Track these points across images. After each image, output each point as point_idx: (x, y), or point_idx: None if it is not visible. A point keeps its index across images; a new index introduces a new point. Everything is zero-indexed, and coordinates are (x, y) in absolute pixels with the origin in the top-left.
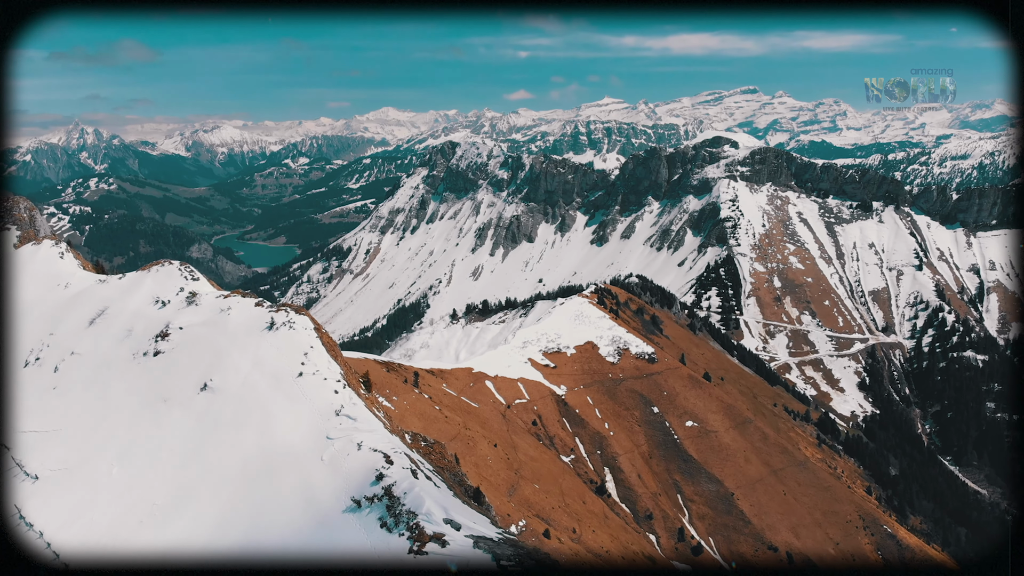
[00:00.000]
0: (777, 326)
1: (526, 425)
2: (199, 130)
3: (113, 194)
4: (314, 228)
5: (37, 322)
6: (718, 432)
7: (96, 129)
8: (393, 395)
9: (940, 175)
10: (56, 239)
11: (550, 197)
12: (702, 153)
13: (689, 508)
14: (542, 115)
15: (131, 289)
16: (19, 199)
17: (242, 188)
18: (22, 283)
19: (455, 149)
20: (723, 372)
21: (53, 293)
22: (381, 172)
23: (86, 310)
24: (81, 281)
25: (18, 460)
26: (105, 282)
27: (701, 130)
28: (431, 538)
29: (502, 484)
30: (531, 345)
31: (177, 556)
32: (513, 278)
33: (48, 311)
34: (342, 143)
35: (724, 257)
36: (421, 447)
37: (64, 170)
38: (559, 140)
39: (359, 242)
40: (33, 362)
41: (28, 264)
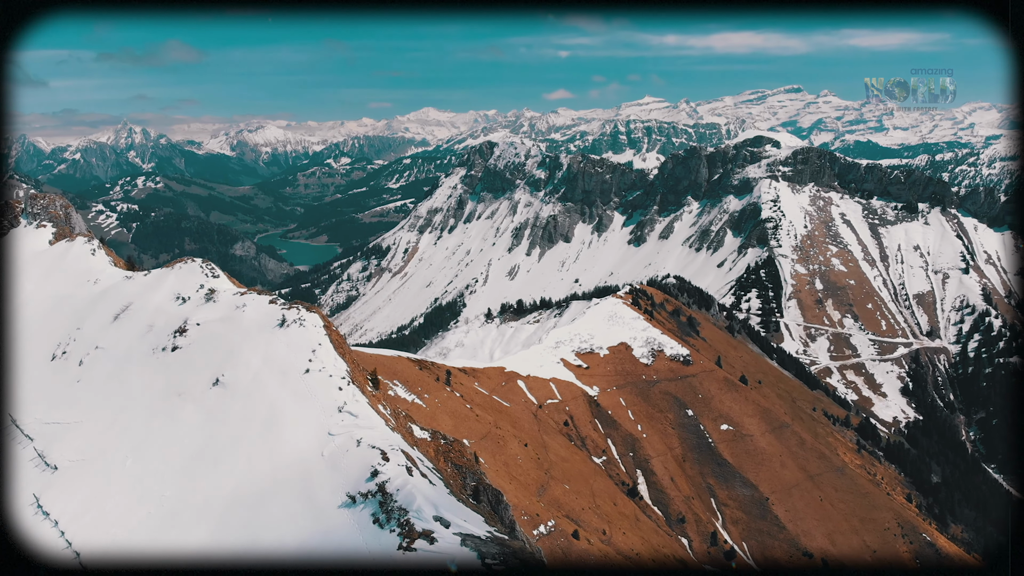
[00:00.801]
0: (818, 329)
1: (557, 425)
2: (243, 130)
3: (160, 192)
4: (355, 227)
5: (66, 317)
6: (754, 436)
7: (144, 129)
8: (425, 393)
9: (989, 176)
10: (90, 236)
11: (587, 197)
12: (743, 153)
13: (723, 512)
14: (581, 114)
15: (154, 286)
16: (55, 197)
17: (285, 187)
18: (54, 279)
19: (493, 149)
20: (761, 375)
21: (83, 289)
22: (421, 172)
23: (111, 306)
24: (110, 277)
25: (40, 451)
26: (131, 279)
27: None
28: (420, 535)
29: (532, 484)
30: (564, 345)
31: (176, 556)
32: (549, 278)
33: (77, 306)
34: (383, 143)
35: (765, 258)
36: (440, 445)
37: (112, 168)
38: (598, 139)
39: (398, 241)
40: (60, 356)
41: (61, 260)
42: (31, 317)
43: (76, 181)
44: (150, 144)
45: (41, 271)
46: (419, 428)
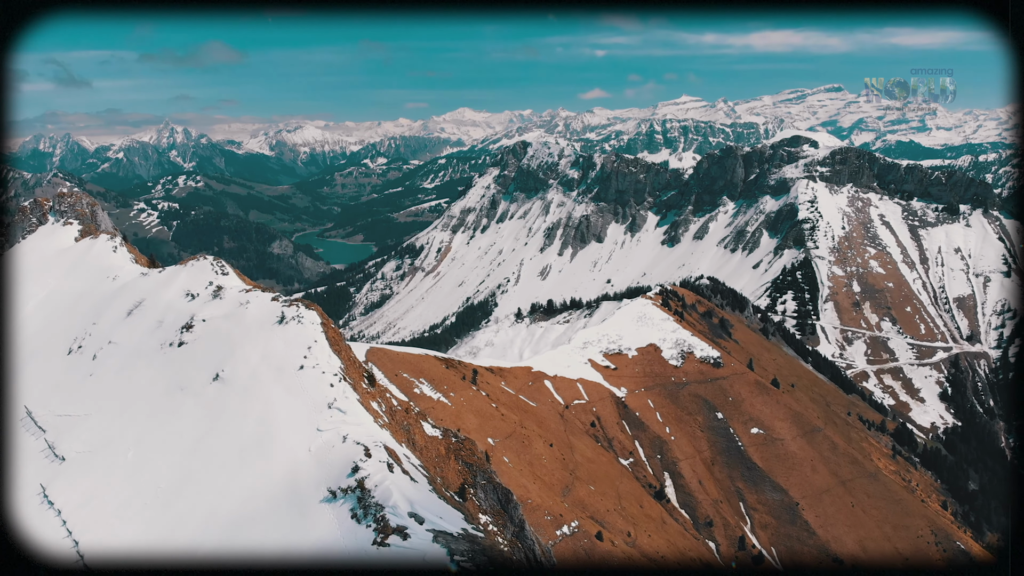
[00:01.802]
0: (855, 332)
1: (584, 426)
2: (282, 130)
3: (200, 191)
4: (390, 226)
5: (84, 312)
6: (784, 440)
7: (185, 128)
8: (451, 391)
9: None
10: (112, 234)
11: (621, 197)
12: (780, 152)
13: (751, 516)
14: (617, 114)
15: (167, 282)
16: (81, 195)
17: (322, 187)
18: (76, 275)
19: (526, 149)
20: (795, 379)
21: (102, 285)
22: (456, 172)
23: (126, 302)
24: (128, 274)
25: (51, 442)
26: (147, 275)
27: (781, 129)
28: (394, 531)
29: (556, 484)
30: (591, 346)
31: (174, 556)
32: (581, 278)
33: (95, 302)
34: (419, 143)
35: (801, 260)
36: (452, 443)
37: (154, 167)
38: (633, 139)
39: (431, 241)
40: (76, 350)
41: (84, 257)
42: (53, 312)
43: (119, 180)
44: (191, 144)
45: (65, 267)
46: (431, 426)
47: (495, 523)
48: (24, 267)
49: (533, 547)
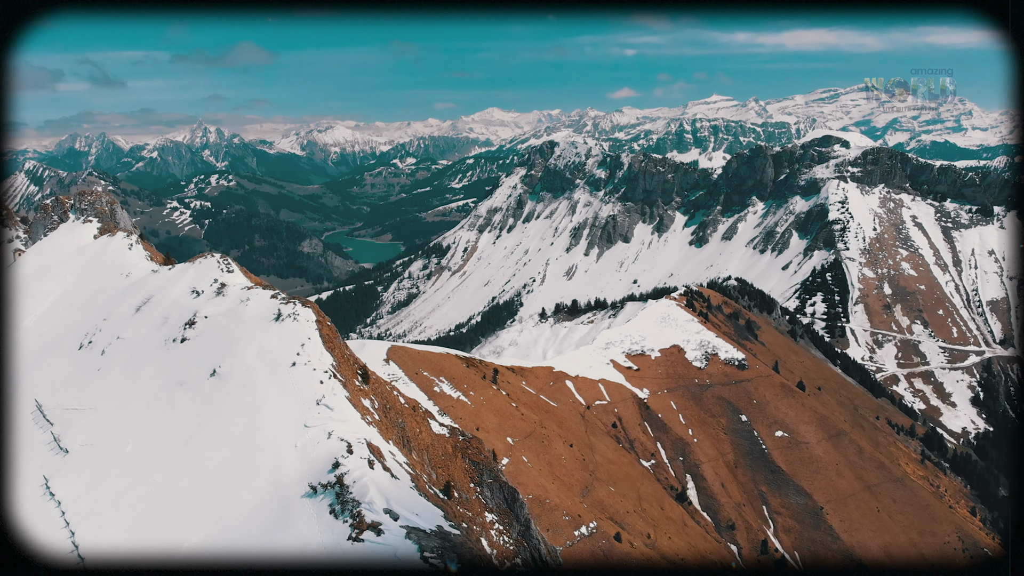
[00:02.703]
0: (886, 335)
1: (605, 427)
2: (313, 130)
3: (232, 190)
4: (418, 226)
5: (97, 308)
6: (809, 443)
7: (218, 128)
8: (471, 390)
9: None
10: (129, 232)
11: (648, 197)
12: (810, 152)
13: (775, 520)
14: (646, 113)
15: (175, 279)
16: (101, 193)
17: (352, 187)
18: (92, 271)
19: (553, 149)
20: (822, 382)
21: (116, 282)
22: (483, 172)
23: (135, 298)
24: (140, 271)
25: (56, 435)
26: (157, 272)
27: (814, 129)
28: (369, 526)
29: (575, 484)
30: (614, 347)
31: (173, 556)
32: (607, 278)
33: (107, 298)
34: (447, 143)
35: (831, 261)
36: (459, 441)
37: (188, 167)
38: (663, 138)
39: (457, 240)
40: (87, 345)
41: (100, 254)
42: (68, 308)
43: (153, 179)
44: (223, 143)
45: (82, 264)
46: (438, 424)
47: (501, 522)
48: (44, 264)
49: (539, 546)
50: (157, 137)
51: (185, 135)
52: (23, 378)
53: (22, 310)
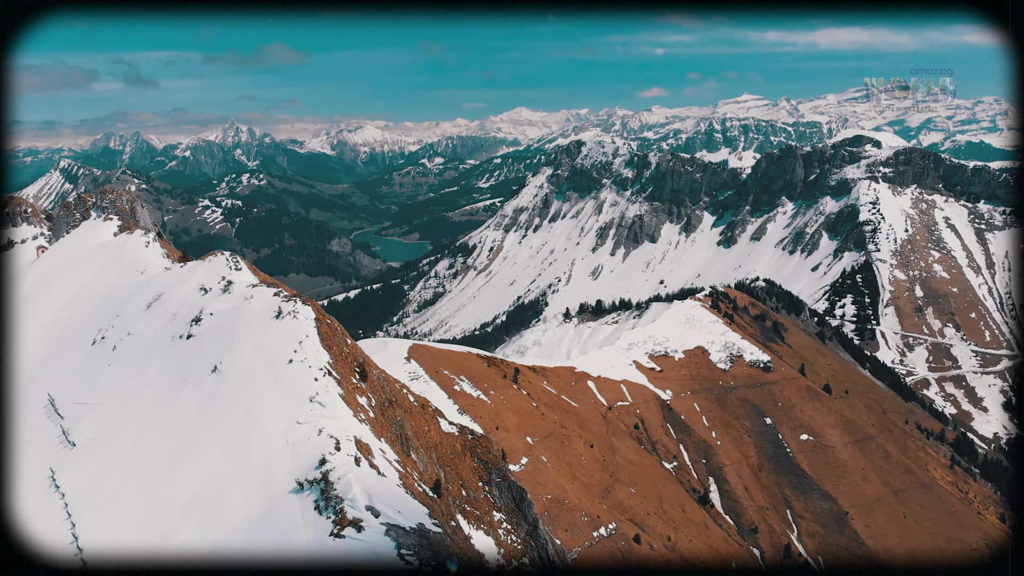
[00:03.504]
0: (917, 338)
1: (627, 428)
2: (343, 130)
3: (263, 189)
4: (445, 225)
5: (111, 304)
6: (835, 447)
7: (249, 128)
8: (491, 389)
9: None
10: (147, 230)
11: (676, 196)
12: (841, 152)
13: (798, 525)
14: (676, 112)
15: (185, 277)
16: (122, 192)
17: (381, 186)
18: (110, 268)
19: (580, 148)
20: (850, 385)
21: (131, 279)
22: (511, 171)
23: (147, 295)
24: (155, 269)
25: (66, 429)
26: (169, 270)
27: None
28: (350, 523)
29: (595, 485)
30: (636, 347)
31: (172, 556)
32: (633, 279)
33: (122, 295)
34: (475, 143)
35: (862, 263)
36: (468, 440)
37: (220, 166)
38: (692, 138)
39: (483, 240)
40: (99, 340)
41: (118, 251)
42: (85, 304)
43: (186, 177)
44: (255, 143)
45: (101, 261)
46: (447, 423)
47: (509, 521)
48: (64, 260)
49: (546, 546)
50: (190, 136)
51: (217, 134)
52: (39, 372)
53: (42, 305)
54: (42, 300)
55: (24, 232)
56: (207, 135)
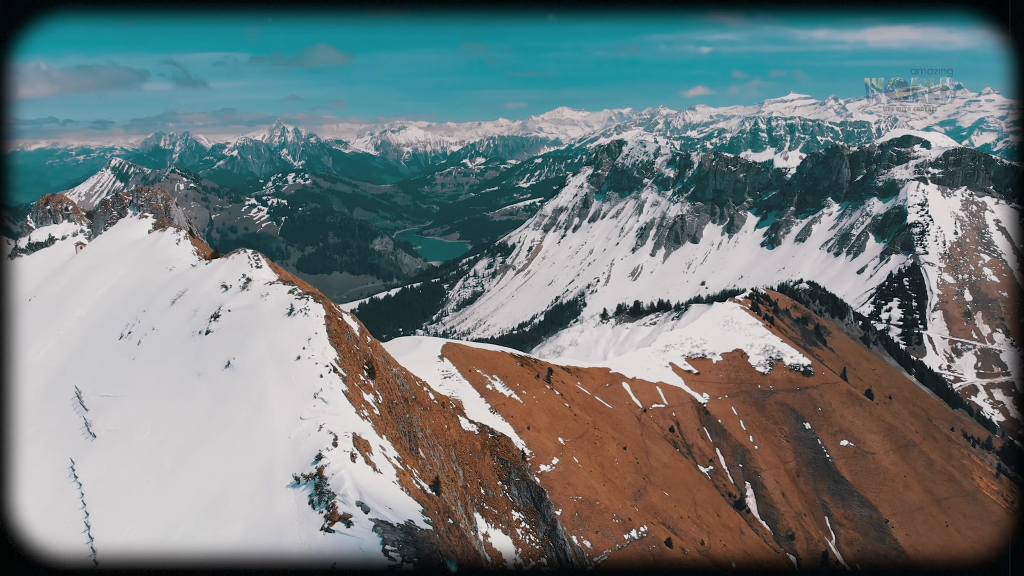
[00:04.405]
0: (965, 344)
1: (662, 431)
2: (387, 130)
3: (308, 188)
4: (485, 225)
5: (140, 300)
6: (876, 454)
7: (296, 128)
8: (523, 389)
9: None
10: (179, 227)
11: (718, 196)
12: (889, 153)
13: (837, 532)
14: (720, 111)
15: (208, 274)
16: (157, 190)
17: (423, 186)
18: (141, 265)
19: (621, 148)
20: (894, 390)
21: (160, 275)
22: (551, 171)
23: (172, 291)
24: (183, 266)
25: (88, 421)
26: (195, 267)
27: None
28: (340, 518)
29: (628, 487)
30: (673, 349)
31: (172, 555)
32: (673, 279)
33: (150, 291)
34: (517, 143)
35: (909, 266)
36: (487, 439)
37: (266, 165)
38: (736, 137)
39: (522, 239)
40: (126, 335)
41: (150, 248)
42: (116, 299)
43: (233, 176)
44: (301, 143)
45: (134, 258)
46: (467, 421)
47: (528, 520)
48: (100, 256)
49: (564, 547)
50: (237, 136)
51: (264, 134)
52: (69, 365)
53: (76, 300)
54: (77, 295)
55: (64, 229)
56: (254, 135)
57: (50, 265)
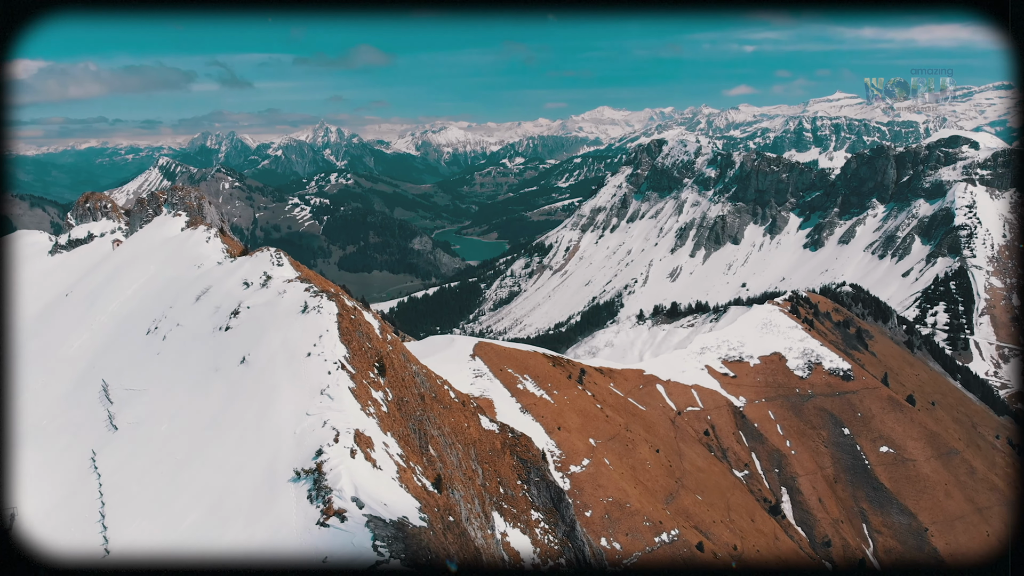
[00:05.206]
0: (1013, 349)
1: (696, 434)
2: (428, 131)
3: (350, 188)
4: (523, 225)
5: (168, 296)
6: (916, 461)
7: (339, 128)
8: (554, 389)
9: None
10: (209, 225)
11: (760, 197)
12: (936, 153)
13: (875, 540)
14: (764, 111)
15: (232, 271)
16: (191, 189)
17: (462, 186)
18: (172, 262)
19: (661, 147)
20: (937, 396)
21: (188, 272)
22: (591, 171)
23: (198, 288)
24: (211, 263)
25: (112, 414)
26: (221, 264)
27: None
28: (335, 513)
29: (659, 491)
30: (709, 352)
31: (173, 555)
32: (713, 281)
33: (178, 288)
34: (556, 143)
35: (956, 269)
36: (508, 438)
37: (310, 165)
38: (780, 137)
39: (560, 239)
40: (153, 330)
41: (181, 246)
42: (147, 295)
43: (277, 176)
44: (343, 143)
45: (166, 255)
46: (488, 420)
47: (547, 520)
48: (135, 253)
49: (583, 548)
50: (282, 136)
51: (308, 135)
52: (99, 359)
53: (110, 296)
54: (111, 290)
55: (103, 226)
56: (298, 135)
57: (88, 261)
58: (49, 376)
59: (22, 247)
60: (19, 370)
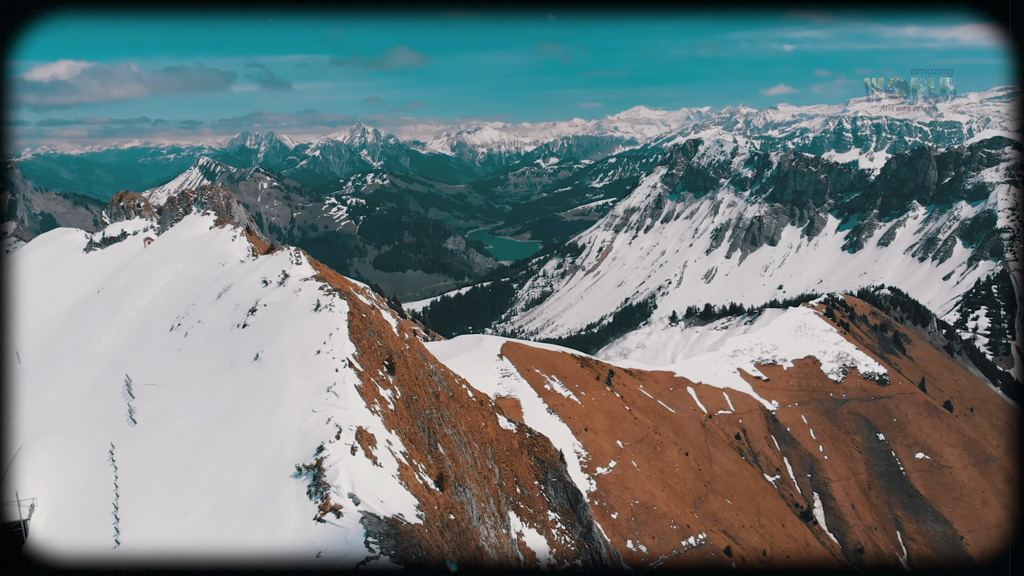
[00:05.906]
0: None
1: (727, 438)
2: (463, 131)
3: (386, 188)
4: (557, 225)
5: (192, 294)
6: (953, 468)
7: (375, 129)
8: (582, 390)
9: None
10: (236, 224)
11: (798, 198)
12: (979, 154)
13: (908, 548)
14: (803, 110)
15: (253, 270)
16: (219, 188)
17: (497, 186)
18: (199, 260)
19: (697, 147)
20: (977, 403)
21: (212, 270)
22: (625, 171)
23: (220, 285)
24: (234, 261)
25: (132, 407)
26: (243, 263)
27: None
28: (331, 509)
29: (688, 494)
30: (742, 355)
31: (174, 555)
32: (749, 283)
33: (202, 285)
34: (591, 143)
35: (998, 273)
36: (525, 438)
37: (347, 165)
38: (820, 137)
39: (593, 240)
40: (176, 327)
41: (208, 244)
42: (173, 292)
43: (314, 176)
44: (380, 144)
45: (192, 253)
46: (506, 420)
47: (563, 521)
48: (164, 252)
49: (600, 549)
50: (319, 137)
51: (345, 135)
52: (124, 354)
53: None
54: (140, 287)
55: (136, 224)
56: (335, 136)
57: (120, 259)
58: (78, 370)
59: (59, 244)
60: (50, 366)
